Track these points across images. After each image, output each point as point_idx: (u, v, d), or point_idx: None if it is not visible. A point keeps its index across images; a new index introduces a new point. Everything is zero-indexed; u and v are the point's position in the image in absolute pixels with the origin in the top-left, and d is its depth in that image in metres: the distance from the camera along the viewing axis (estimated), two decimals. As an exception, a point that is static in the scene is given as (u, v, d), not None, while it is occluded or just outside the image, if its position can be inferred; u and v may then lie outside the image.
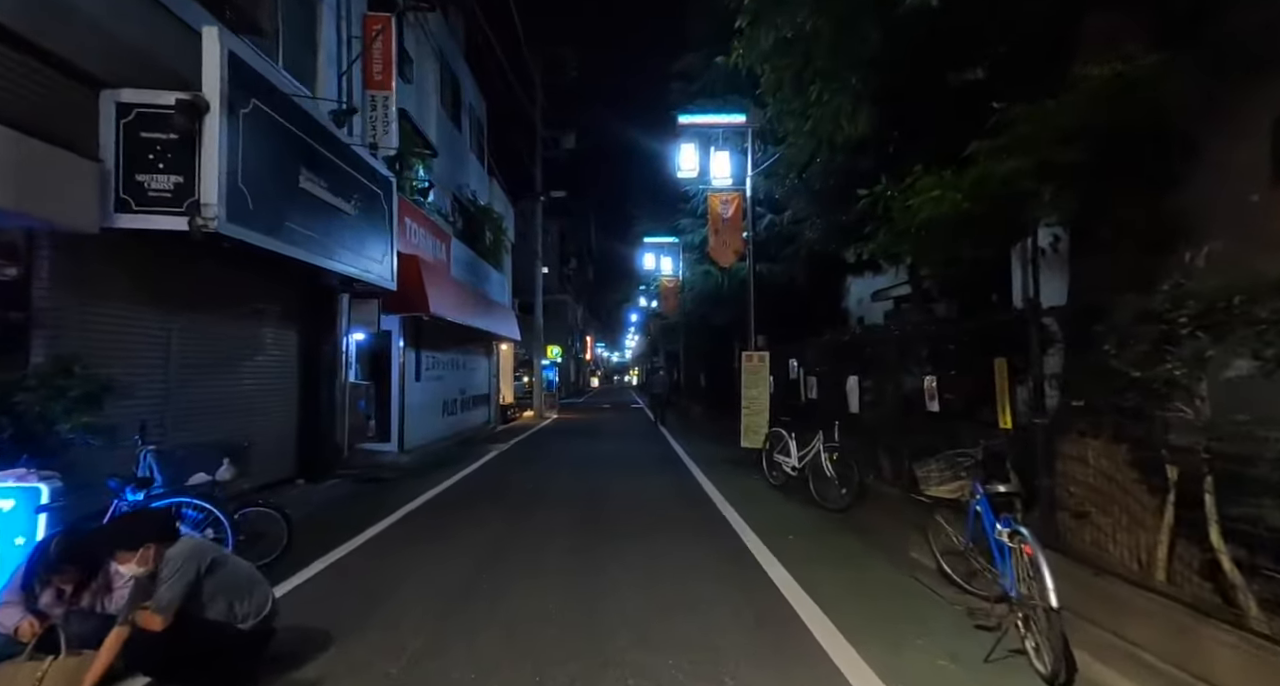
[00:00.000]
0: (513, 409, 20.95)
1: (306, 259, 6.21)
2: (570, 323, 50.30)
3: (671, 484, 8.28)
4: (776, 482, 7.82)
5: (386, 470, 9.52)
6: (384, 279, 8.36)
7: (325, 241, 6.62)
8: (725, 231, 10.12)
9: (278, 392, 7.60)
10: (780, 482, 7.74)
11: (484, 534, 5.67)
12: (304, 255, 6.15)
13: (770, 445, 8.15)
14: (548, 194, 22.67)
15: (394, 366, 11.28)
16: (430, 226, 11.60)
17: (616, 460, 10.67)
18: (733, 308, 12.66)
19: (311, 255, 6.33)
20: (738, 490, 7.64)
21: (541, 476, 8.96)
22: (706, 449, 11.86)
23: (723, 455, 11.03)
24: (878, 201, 4.85)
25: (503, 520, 6.23)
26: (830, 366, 8.17)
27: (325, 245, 6.63)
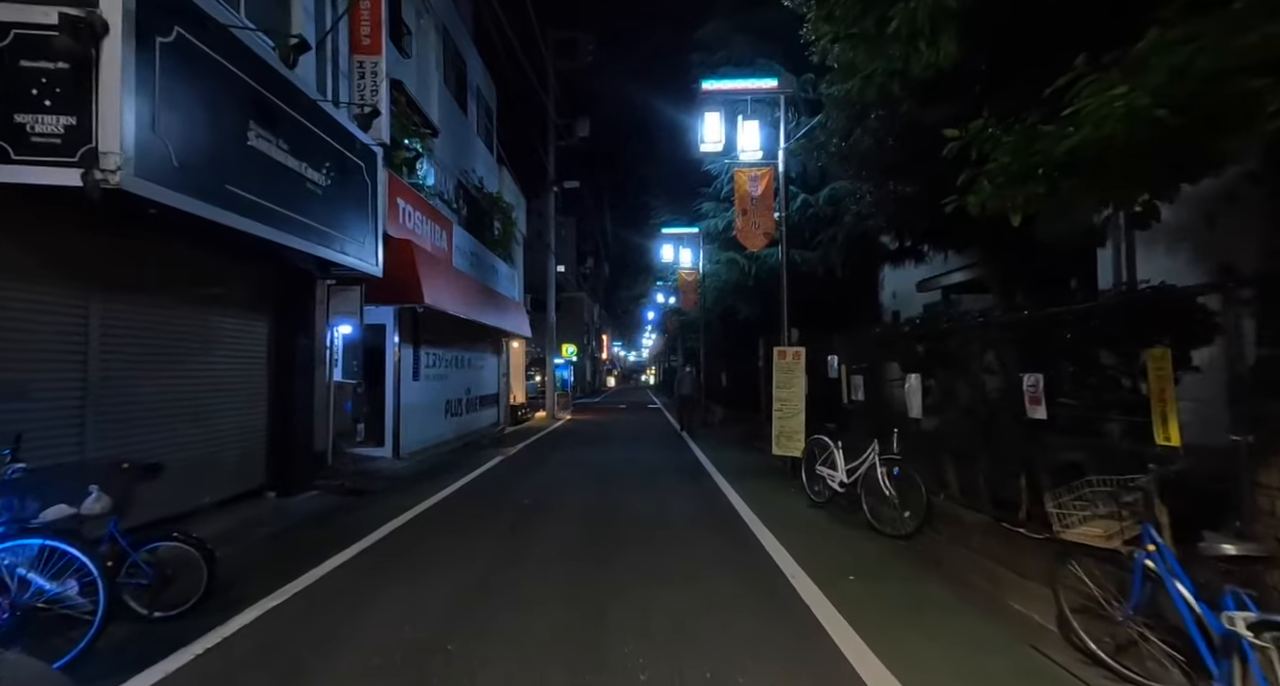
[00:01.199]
0: (524, 409, 19.95)
1: (257, 232, 5.18)
2: (586, 320, 49.35)
3: (696, 500, 7.13)
4: (819, 499, 6.64)
5: (374, 479, 8.51)
6: (366, 263, 7.34)
7: (285, 214, 5.59)
8: (755, 211, 8.97)
9: (241, 392, 6.59)
10: (824, 499, 6.56)
11: (465, 572, 4.58)
12: (254, 227, 5.12)
13: (811, 455, 6.97)
14: (561, 185, 21.63)
15: (388, 364, 10.28)
16: (428, 210, 10.59)
17: (632, 469, 9.56)
18: (760, 299, 11.49)
19: (266, 228, 5.29)
20: (775, 509, 6.48)
21: (545, 489, 7.87)
22: (732, 456, 10.70)
23: (751, 463, 9.87)
24: (972, 143, 3.66)
25: (491, 551, 5.14)
26: (883, 363, 6.97)
27: (286, 218, 5.60)
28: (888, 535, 5.41)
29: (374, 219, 7.55)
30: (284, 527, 5.84)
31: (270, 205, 5.35)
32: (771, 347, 14.98)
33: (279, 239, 5.51)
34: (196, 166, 4.44)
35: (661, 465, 9.93)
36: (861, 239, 9.80)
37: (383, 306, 9.99)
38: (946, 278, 9.87)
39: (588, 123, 21.92)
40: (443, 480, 8.41)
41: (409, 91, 10.45)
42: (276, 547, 5.24)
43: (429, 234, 10.64)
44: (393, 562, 4.75)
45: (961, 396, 5.52)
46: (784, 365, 8.81)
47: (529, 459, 10.83)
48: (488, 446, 12.76)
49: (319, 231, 6.26)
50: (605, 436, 14.82)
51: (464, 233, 13.02)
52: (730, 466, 9.54)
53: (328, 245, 6.46)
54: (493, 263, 15.37)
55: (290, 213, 5.67)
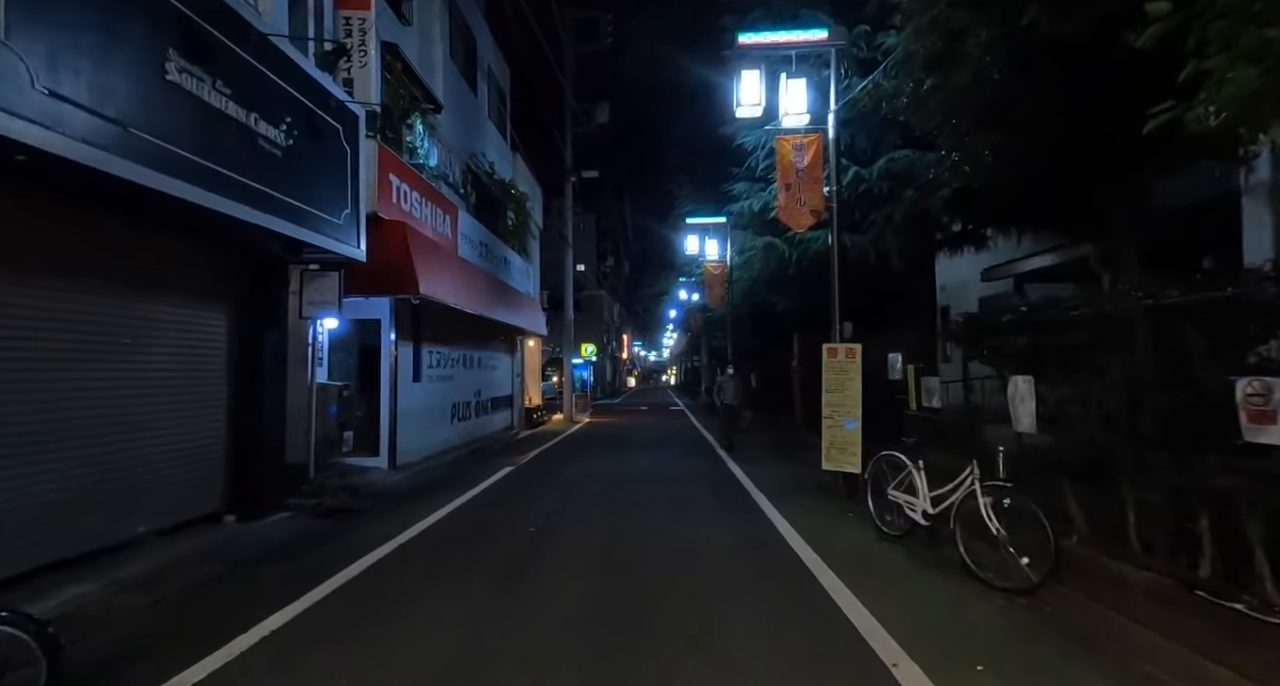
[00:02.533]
0: (540, 412, 18.85)
1: (181, 194, 4.06)
2: (606, 319, 48.28)
3: (738, 530, 5.87)
4: (893, 532, 5.33)
5: (360, 496, 7.40)
6: (345, 245, 6.21)
7: (225, 174, 4.47)
8: (800, 185, 7.68)
9: (189, 396, 5.51)
10: (900, 532, 5.26)
11: (439, 645, 3.40)
12: (175, 187, 4.00)
13: (879, 475, 5.66)
14: (579, 174, 20.48)
15: (383, 364, 9.19)
16: (429, 192, 9.48)
17: (658, 484, 8.32)
18: (801, 291, 10.17)
19: (195, 190, 4.17)
20: (838, 544, 5.19)
21: (556, 513, 6.67)
22: (770, 469, 9.40)
23: (793, 478, 8.57)
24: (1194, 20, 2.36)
25: (480, 603, 3.96)
26: (971, 362, 5.65)
27: (226, 181, 4.48)
28: (998, 588, 4.10)
29: (354, 193, 6.43)
30: (225, 568, 4.71)
31: (201, 161, 4.22)
32: (808, 344, 13.66)
33: (216, 206, 4.39)
34: (76, 97, 3.32)
35: (691, 479, 8.68)
36: (921, 220, 8.47)
37: (376, 299, 8.92)
38: (1023, 263, 8.48)
39: (607, 108, 20.76)
40: (438, 497, 7.26)
41: (406, 58, 9.35)
42: (197, 602, 4.10)
43: (429, 218, 9.53)
44: (339, 633, 3.57)
45: (1095, 404, 4.20)
46: (835, 365, 7.50)
47: (541, 470, 9.66)
48: (497, 454, 11.63)
49: (277, 202, 5.14)
50: (626, 442, 13.60)
51: (472, 220, 11.91)
52: (770, 482, 8.25)
53: (291, 219, 5.33)
54: (505, 255, 14.26)
55: (233, 174, 4.55)
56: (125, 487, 4.79)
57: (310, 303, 6.48)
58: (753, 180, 10.54)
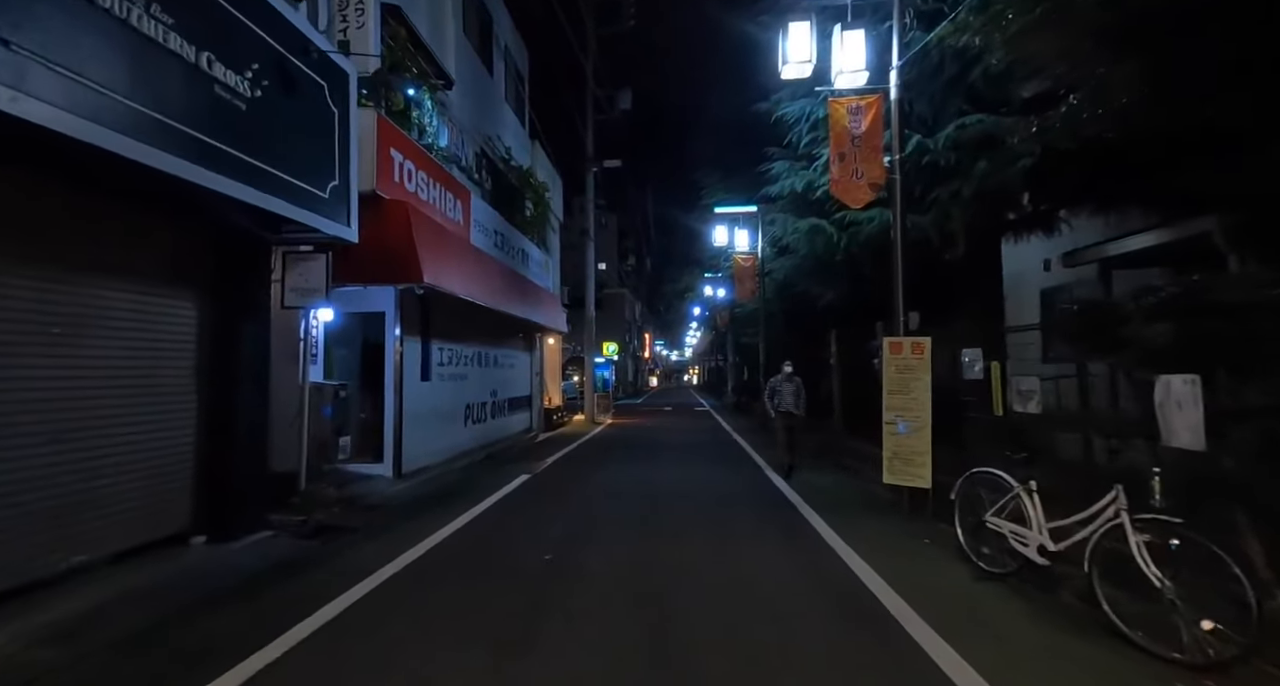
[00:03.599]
0: (560, 412, 17.97)
1: (98, 142, 3.19)
2: (628, 318, 47.41)
3: (796, 561, 4.87)
4: (995, 569, 4.27)
5: (356, 510, 6.55)
6: (329, 221, 5.34)
7: (161, 123, 3.60)
8: (856, 154, 6.64)
9: (149, 396, 4.68)
10: (1004, 570, 4.20)
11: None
12: (88, 133, 3.13)
13: (970, 498, 4.61)
14: (601, 163, 19.58)
15: (387, 361, 8.35)
16: (436, 172, 8.62)
17: (690, 498, 7.34)
18: (850, 279, 9.10)
19: (120, 140, 3.30)
20: (929, 586, 4.14)
21: (576, 537, 5.73)
22: (817, 479, 8.35)
23: (845, 491, 7.53)
24: None
25: (476, 672, 3.03)
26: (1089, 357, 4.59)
27: (163, 130, 3.61)
28: (1163, 658, 3.05)
29: (344, 164, 5.56)
30: (170, 610, 3.84)
31: (126, 102, 3.35)
32: (849, 340, 12.53)
33: (148, 161, 3.52)
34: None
35: (729, 492, 7.67)
36: (993, 196, 7.35)
37: (379, 289, 8.08)
38: (1117, 244, 7.29)
39: (630, 94, 19.82)
40: (443, 512, 6.37)
41: (412, 25, 8.49)
42: (124, 659, 3.24)
43: (438, 201, 8.67)
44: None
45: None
46: (899, 362, 6.45)
47: (560, 480, 8.73)
48: (514, 459, 10.75)
49: (240, 164, 4.27)
50: (652, 446, 12.63)
51: (487, 208, 11.05)
52: (819, 495, 7.22)
53: (260, 187, 4.46)
54: (523, 246, 13.40)
55: (175, 123, 3.68)
56: (58, 507, 3.96)
57: (294, 289, 5.63)
58: (794, 157, 9.49)
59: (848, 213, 8.26)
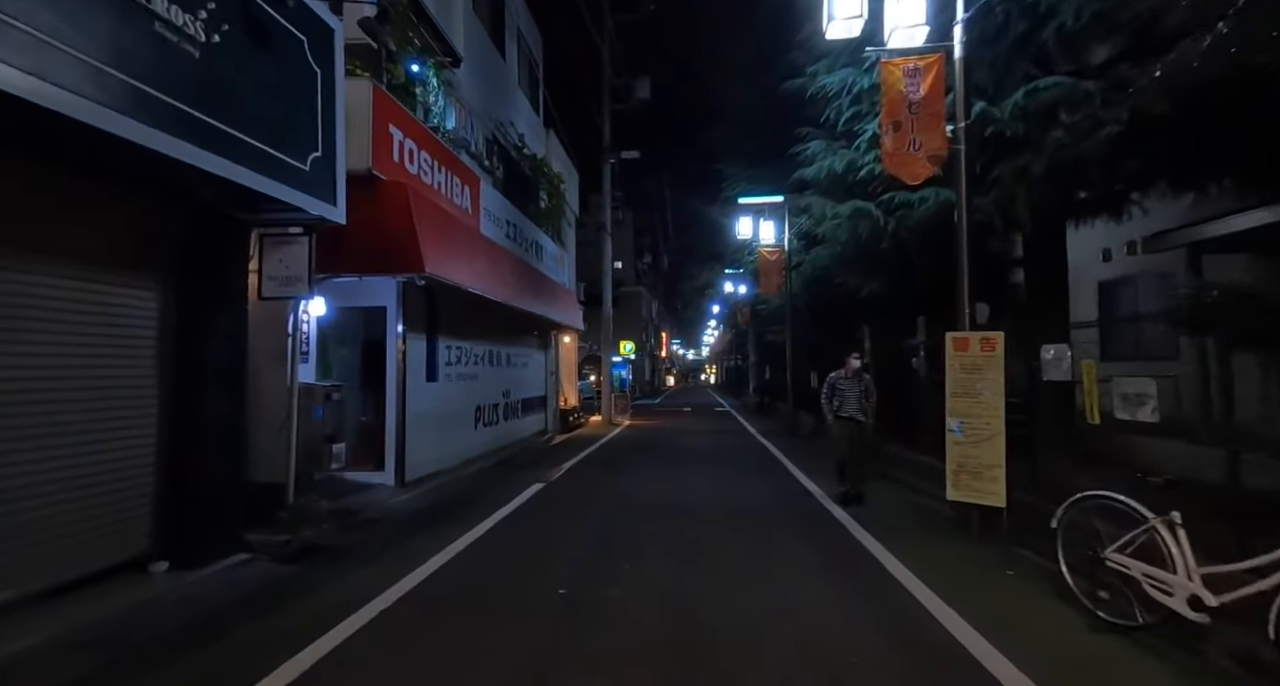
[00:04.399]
0: (577, 413, 17.26)
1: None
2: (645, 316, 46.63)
3: (859, 597, 4.07)
4: (1119, 620, 3.41)
5: (350, 525, 5.86)
6: (311, 198, 4.63)
7: (84, 64, 2.89)
8: (914, 123, 5.81)
9: (97, 399, 4.01)
10: (1132, 621, 3.35)
11: None
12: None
13: (1082, 526, 3.76)
14: (619, 155, 18.82)
15: (389, 360, 7.68)
16: (441, 154, 7.91)
17: (720, 514, 6.55)
18: (897, 268, 8.21)
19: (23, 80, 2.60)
20: (1029, 636, 3.31)
21: (595, 562, 4.97)
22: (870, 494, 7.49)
23: (896, 505, 6.70)
24: None
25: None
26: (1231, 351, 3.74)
27: (85, 73, 2.90)
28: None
29: (328, 133, 4.85)
30: (100, 662, 3.15)
31: (32, 32, 2.65)
32: (883, 336, 11.66)
33: (69, 112, 2.82)
34: None
35: (764, 507, 6.87)
36: (1067, 172, 6.46)
37: (379, 282, 7.41)
38: (1214, 226, 6.36)
39: (648, 83, 19.01)
40: (447, 529, 5.66)
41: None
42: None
43: (444, 186, 7.97)
44: None
45: None
46: (965, 361, 5.61)
47: (576, 490, 7.99)
48: (527, 465, 10.04)
49: (193, 122, 3.57)
50: (674, 451, 11.85)
51: (498, 196, 10.34)
52: (868, 511, 6.40)
53: (221, 152, 3.76)
54: (537, 239, 12.69)
55: (97, 62, 2.97)
56: (-24, 535, 3.29)
57: (272, 278, 4.93)
58: (833, 136, 8.64)
59: (896, 193, 7.40)
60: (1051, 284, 8.20)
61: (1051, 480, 5.79)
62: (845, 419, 6.98)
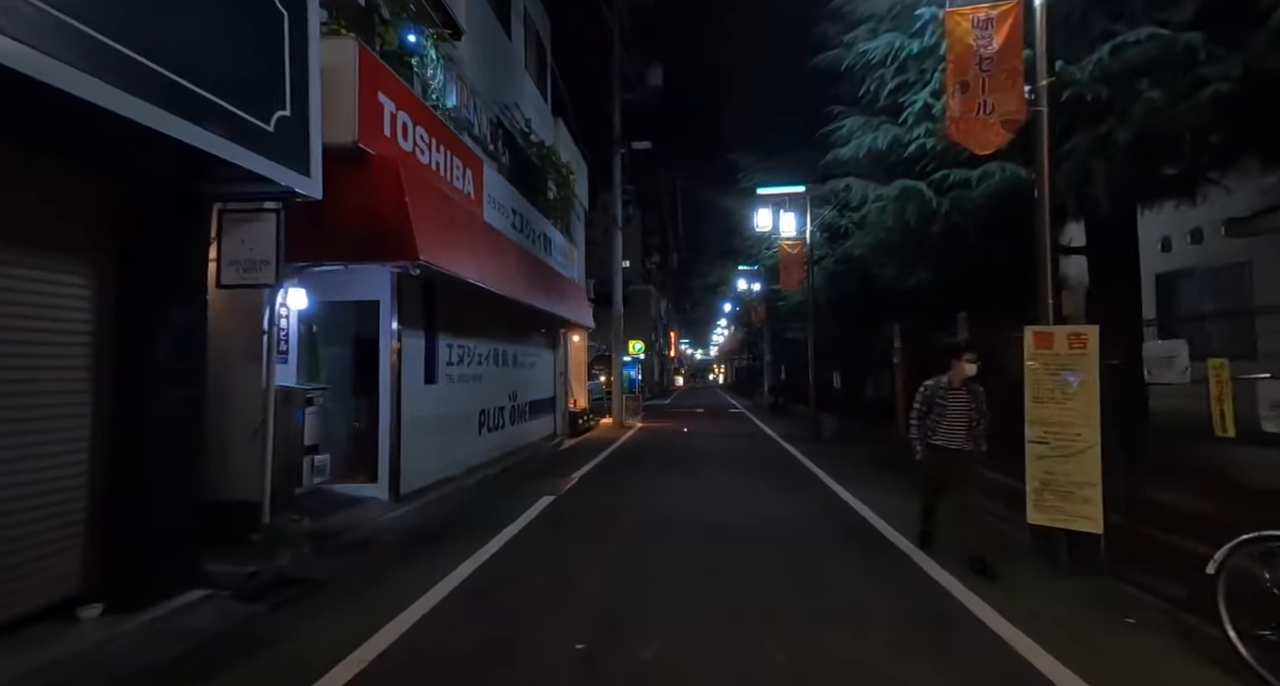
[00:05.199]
0: (587, 416, 16.50)
1: None
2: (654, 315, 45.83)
3: (946, 650, 3.25)
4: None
5: (331, 550, 5.09)
6: (276, 165, 3.85)
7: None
8: (985, 82, 4.98)
9: (11, 409, 3.24)
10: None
11: None
12: None
13: (1246, 576, 2.93)
14: (629, 145, 18.03)
15: (382, 360, 6.91)
16: (440, 132, 7.14)
17: (758, 536, 5.75)
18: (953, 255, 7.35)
19: None
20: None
21: (613, 599, 4.18)
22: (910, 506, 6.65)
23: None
24: None
25: None
26: None
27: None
28: None
29: (298, 88, 4.08)
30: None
31: None
32: (917, 335, 10.81)
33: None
34: None
35: (805, 525, 6.05)
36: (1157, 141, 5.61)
37: (371, 274, 6.65)
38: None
39: (660, 71, 18.23)
40: (442, 555, 4.87)
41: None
42: None
43: (443, 168, 7.20)
44: None
45: None
46: (1048, 359, 4.78)
47: (590, 505, 7.19)
48: (536, 473, 9.27)
49: (117, 59, 2.80)
50: (693, 457, 11.04)
51: (504, 183, 9.57)
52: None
53: (152, 98, 2.99)
54: (545, 231, 11.91)
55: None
56: None
57: (234, 261, 4.16)
58: (871, 111, 7.80)
59: (950, 171, 6.56)
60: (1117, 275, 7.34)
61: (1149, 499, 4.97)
62: (939, 448, 4.85)
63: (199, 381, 4.20)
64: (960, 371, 4.82)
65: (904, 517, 5.91)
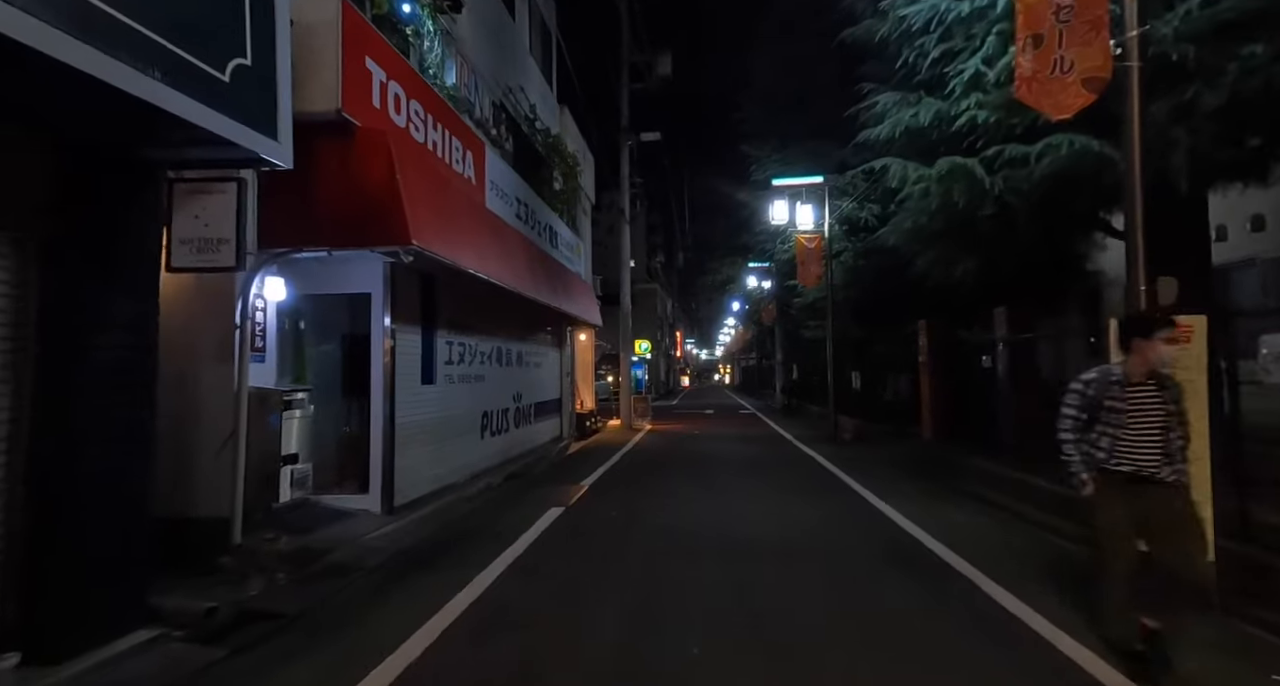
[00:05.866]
0: (594, 418, 15.84)
1: None
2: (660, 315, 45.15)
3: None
4: None
5: (309, 578, 4.43)
6: (233, 123, 3.19)
7: None
8: (1063, 35, 4.30)
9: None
10: None
11: None
12: None
13: None
14: (638, 136, 17.36)
15: (374, 358, 6.28)
16: (438, 108, 6.50)
17: (795, 554, 5.07)
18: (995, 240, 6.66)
19: None
20: None
21: (636, 638, 3.52)
22: (952, 513, 5.96)
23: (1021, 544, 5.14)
24: None
25: None
26: None
27: None
28: None
29: (261, 35, 3.43)
30: None
31: None
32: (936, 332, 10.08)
33: None
34: None
35: (849, 546, 5.37)
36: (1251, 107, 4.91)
37: (357, 261, 6.01)
38: None
39: (669, 59, 17.53)
40: (435, 584, 4.22)
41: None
42: None
43: (440, 148, 6.56)
44: None
45: None
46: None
47: (603, 519, 6.53)
48: (542, 480, 8.63)
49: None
50: (710, 461, 10.37)
51: (506, 168, 8.92)
52: (980, 547, 4.88)
53: (78, 33, 2.34)
54: (551, 223, 11.27)
55: None
56: None
57: (186, 241, 3.51)
58: (908, 86, 7.12)
59: (1005, 147, 5.88)
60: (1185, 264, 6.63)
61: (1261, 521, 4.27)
62: (1129, 478, 3.09)
63: (147, 385, 3.55)
64: (1149, 355, 3.07)
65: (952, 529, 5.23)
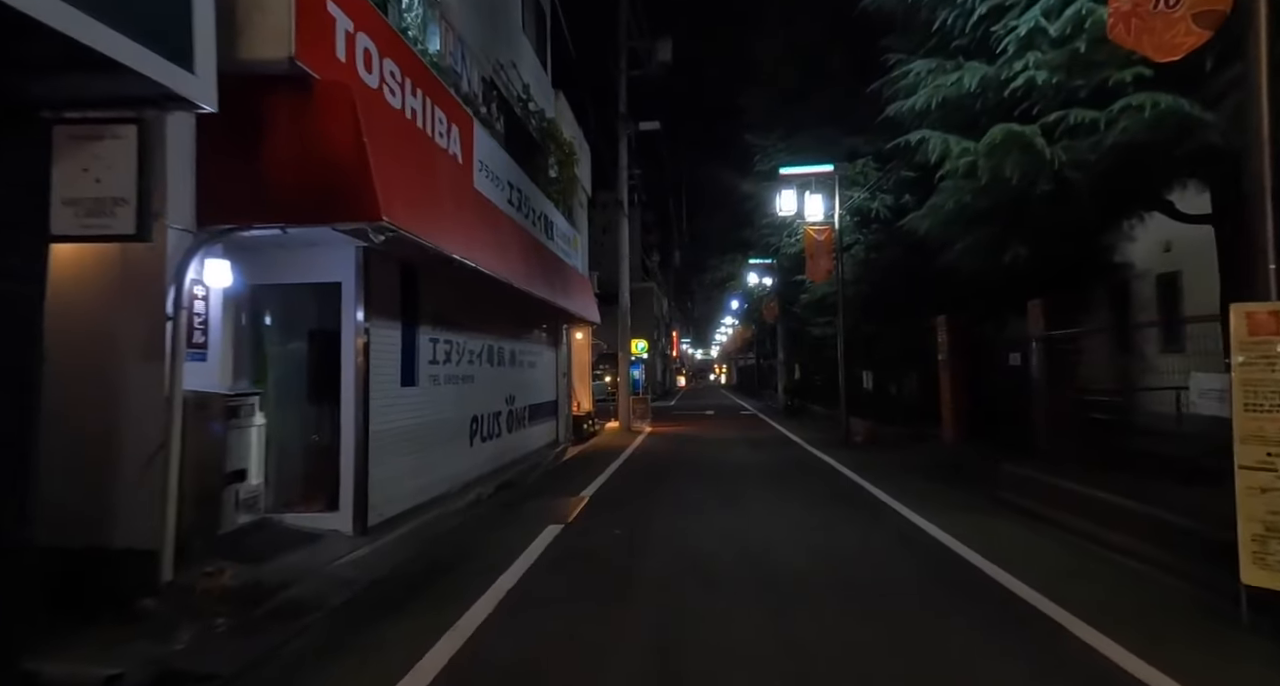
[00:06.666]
0: (591, 420, 15.07)
1: None
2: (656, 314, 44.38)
3: None
4: None
5: (256, 622, 3.63)
6: (129, 43, 2.41)
7: None
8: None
9: None
10: None
11: None
12: None
13: None
14: (636, 125, 16.60)
15: (344, 356, 5.48)
16: (416, 70, 5.70)
17: (838, 583, 4.32)
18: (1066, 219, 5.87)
19: None
20: None
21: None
22: (1005, 529, 5.21)
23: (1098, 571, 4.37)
24: None
25: None
26: None
27: None
28: None
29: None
30: None
31: None
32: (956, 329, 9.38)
33: None
34: None
35: (894, 574, 4.61)
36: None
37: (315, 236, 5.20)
38: None
39: (669, 45, 16.76)
40: (411, 628, 3.43)
41: None
42: None
43: (420, 116, 5.76)
44: None
45: None
46: (1268, 351, 3.37)
47: (608, 539, 5.75)
48: (537, 492, 7.85)
49: None
50: (719, 467, 9.61)
51: (497, 148, 8.12)
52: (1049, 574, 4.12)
53: None
54: (547, 213, 10.48)
55: None
56: None
57: (72, 201, 2.68)
58: (945, 52, 6.38)
59: (1071, 112, 5.13)
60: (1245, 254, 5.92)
61: None
62: None
63: (28, 387, 2.76)
64: None
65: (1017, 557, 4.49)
